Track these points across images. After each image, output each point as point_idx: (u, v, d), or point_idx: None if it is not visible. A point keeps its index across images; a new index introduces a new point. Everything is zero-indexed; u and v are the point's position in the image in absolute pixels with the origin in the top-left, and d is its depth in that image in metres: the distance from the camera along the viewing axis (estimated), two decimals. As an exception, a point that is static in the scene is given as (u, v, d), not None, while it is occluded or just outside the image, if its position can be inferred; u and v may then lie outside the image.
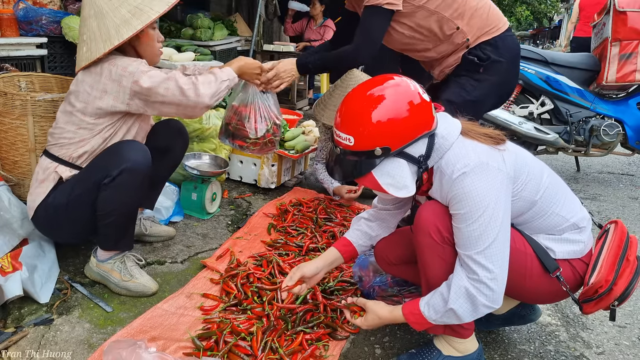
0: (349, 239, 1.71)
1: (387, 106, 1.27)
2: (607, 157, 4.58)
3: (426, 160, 1.34)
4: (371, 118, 1.26)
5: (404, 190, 1.29)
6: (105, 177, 1.67)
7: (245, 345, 1.54)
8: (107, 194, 1.69)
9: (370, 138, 1.27)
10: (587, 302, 1.38)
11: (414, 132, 1.29)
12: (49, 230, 1.85)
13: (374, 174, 1.30)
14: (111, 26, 1.66)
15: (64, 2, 3.75)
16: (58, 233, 1.85)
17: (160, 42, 1.87)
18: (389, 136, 1.26)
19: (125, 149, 1.73)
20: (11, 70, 2.73)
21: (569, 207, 1.43)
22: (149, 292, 1.85)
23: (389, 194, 1.29)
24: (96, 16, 1.68)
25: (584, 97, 3.77)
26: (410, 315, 1.40)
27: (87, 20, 1.72)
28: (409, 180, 1.30)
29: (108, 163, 1.70)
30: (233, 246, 2.26)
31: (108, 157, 1.73)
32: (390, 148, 1.27)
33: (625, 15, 3.51)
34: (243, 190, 3.06)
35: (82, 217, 1.75)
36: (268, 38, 7.52)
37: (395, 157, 1.30)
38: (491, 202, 1.27)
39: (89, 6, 1.71)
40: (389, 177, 1.30)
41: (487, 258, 1.27)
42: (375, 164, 1.29)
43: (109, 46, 1.66)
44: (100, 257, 1.86)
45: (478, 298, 1.28)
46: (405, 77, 1.34)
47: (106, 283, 1.87)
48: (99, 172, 1.69)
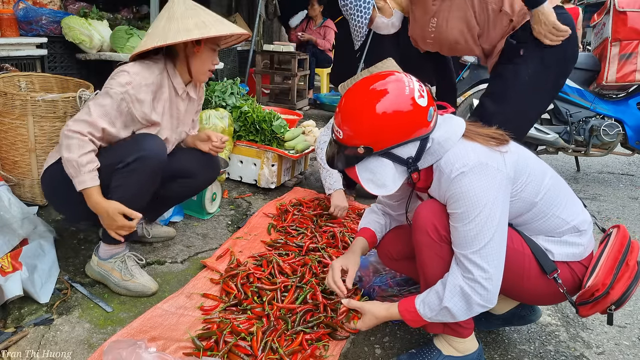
0: (373, 230, 1.74)
1: (377, 109, 1.28)
2: (607, 157, 4.58)
3: (416, 162, 1.35)
4: (359, 118, 1.30)
5: (383, 189, 1.33)
6: (119, 162, 1.70)
7: (245, 345, 1.54)
8: (118, 179, 1.70)
9: (355, 136, 1.31)
10: (583, 304, 1.38)
11: (401, 136, 1.30)
12: (51, 194, 1.85)
13: (356, 168, 1.35)
14: (174, 29, 1.75)
15: (64, 2, 3.75)
16: (58, 201, 1.87)
17: (214, 65, 1.92)
18: (373, 137, 1.29)
19: (144, 139, 1.77)
20: (11, 70, 2.73)
21: (570, 209, 1.43)
22: (148, 292, 1.85)
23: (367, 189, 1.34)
24: (168, 19, 1.79)
25: (584, 97, 3.77)
26: (405, 313, 1.41)
27: (159, 20, 1.82)
28: (390, 179, 1.33)
29: (125, 150, 1.73)
30: (233, 246, 2.26)
31: (126, 144, 1.76)
32: (373, 148, 1.31)
33: (625, 15, 3.51)
34: (243, 190, 3.06)
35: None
36: (268, 38, 7.52)
37: (379, 157, 1.33)
38: (488, 202, 1.27)
39: (166, 9, 1.82)
40: (370, 174, 1.34)
41: (483, 258, 1.27)
42: (359, 160, 1.34)
43: (161, 42, 1.73)
44: (102, 255, 1.87)
45: (472, 297, 1.28)
46: (406, 78, 1.33)
47: (106, 282, 1.87)
48: (115, 157, 1.71)
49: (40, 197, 2.31)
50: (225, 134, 2.91)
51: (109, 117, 1.69)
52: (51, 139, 2.19)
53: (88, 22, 3.45)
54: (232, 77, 3.63)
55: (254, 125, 3.05)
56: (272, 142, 3.03)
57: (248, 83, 5.49)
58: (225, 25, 1.83)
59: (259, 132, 3.05)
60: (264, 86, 5.69)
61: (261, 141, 3.04)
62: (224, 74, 5.30)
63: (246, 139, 3.07)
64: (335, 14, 6.54)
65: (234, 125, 3.06)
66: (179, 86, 1.92)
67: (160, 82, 1.84)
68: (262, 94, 5.77)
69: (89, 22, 3.47)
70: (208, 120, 2.86)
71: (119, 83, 1.70)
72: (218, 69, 4.83)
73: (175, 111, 1.96)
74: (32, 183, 2.28)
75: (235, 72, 5.70)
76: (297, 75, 5.47)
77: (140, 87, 1.73)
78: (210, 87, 3.22)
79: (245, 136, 3.08)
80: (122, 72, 1.73)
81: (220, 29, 1.79)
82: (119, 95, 1.68)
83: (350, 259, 1.65)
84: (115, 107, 1.69)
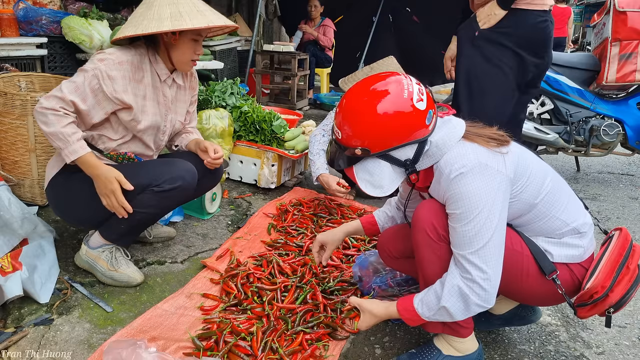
0: (376, 219, 1.83)
1: (375, 110, 1.29)
2: (607, 157, 4.58)
3: (413, 164, 1.35)
4: (357, 120, 1.31)
5: (379, 190, 1.35)
6: (154, 183, 1.75)
7: (245, 345, 1.54)
8: (149, 197, 1.77)
9: (353, 137, 1.33)
10: (582, 306, 1.38)
11: (399, 139, 1.31)
12: (59, 206, 1.86)
13: (354, 168, 1.37)
14: (148, 17, 1.72)
15: (64, 2, 3.75)
16: (67, 212, 1.88)
17: (197, 55, 1.88)
18: (371, 139, 1.31)
19: (183, 167, 1.82)
20: (11, 70, 2.73)
21: (571, 211, 1.43)
22: (133, 283, 1.88)
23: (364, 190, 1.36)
24: (146, 6, 1.77)
25: (584, 97, 3.77)
26: (404, 312, 1.41)
27: (140, 6, 1.81)
28: (387, 181, 1.34)
29: (162, 172, 1.78)
30: (233, 246, 2.26)
31: (163, 166, 1.81)
32: (370, 150, 1.32)
33: (625, 15, 3.51)
34: (243, 190, 3.06)
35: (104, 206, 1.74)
36: (268, 38, 7.52)
37: (377, 158, 1.34)
38: (487, 203, 1.27)
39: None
40: (368, 175, 1.35)
41: (481, 258, 1.28)
42: (356, 161, 1.36)
43: (131, 32, 1.71)
44: (92, 244, 1.89)
45: (471, 297, 1.28)
46: (405, 80, 1.33)
47: (93, 272, 1.89)
48: (148, 177, 1.76)
49: (40, 197, 2.31)
50: (225, 134, 2.91)
51: (80, 93, 1.67)
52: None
53: (88, 22, 3.45)
54: (232, 77, 3.64)
55: (254, 125, 3.05)
56: (272, 142, 3.03)
57: (248, 83, 5.49)
58: (204, 17, 1.76)
59: (259, 132, 3.05)
60: (264, 86, 5.69)
61: (261, 141, 3.04)
62: (224, 74, 5.30)
63: (246, 139, 3.07)
64: (332, 13, 6.55)
65: (234, 125, 3.06)
66: (162, 72, 1.88)
67: (138, 64, 1.80)
68: (262, 94, 5.77)
69: (89, 22, 3.47)
70: (208, 120, 2.86)
71: (92, 61, 1.71)
72: (218, 69, 4.83)
73: (162, 98, 1.92)
74: (32, 183, 2.28)
75: (235, 72, 5.71)
76: (297, 75, 5.47)
77: (112, 64, 1.72)
78: (210, 87, 3.23)
79: (245, 136, 3.08)
80: (98, 53, 1.74)
81: (196, 22, 1.72)
82: (90, 72, 1.68)
83: (329, 237, 1.84)
84: (87, 84, 1.68)
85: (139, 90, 1.82)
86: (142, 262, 2.09)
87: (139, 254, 2.13)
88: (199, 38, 1.85)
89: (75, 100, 1.66)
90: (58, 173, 1.79)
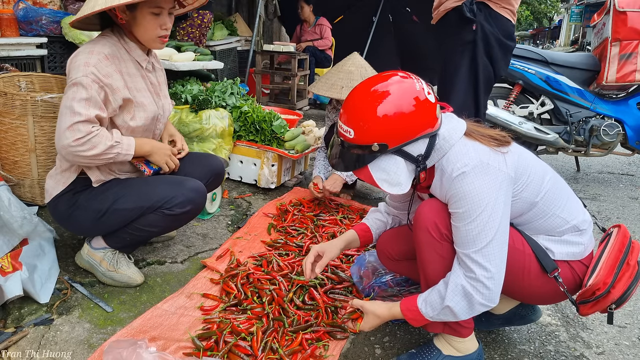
0: (368, 226, 1.79)
1: (390, 103, 1.27)
2: (607, 157, 4.58)
3: (425, 160, 1.34)
4: (372, 114, 1.28)
5: (397, 187, 1.31)
6: (165, 206, 1.76)
7: (245, 345, 1.54)
8: (159, 219, 1.78)
9: (369, 133, 1.29)
10: (584, 303, 1.38)
11: (414, 132, 1.29)
12: (64, 222, 1.85)
13: (369, 168, 1.32)
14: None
15: (64, 2, 3.74)
16: (74, 228, 1.88)
17: (165, 30, 1.74)
18: (388, 133, 1.28)
19: (192, 188, 1.82)
20: (11, 70, 2.73)
21: (570, 209, 1.43)
22: (133, 284, 1.89)
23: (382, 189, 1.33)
24: None
25: (584, 97, 3.77)
26: (407, 312, 1.41)
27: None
28: (404, 178, 1.32)
29: (174, 194, 1.77)
30: (233, 246, 2.26)
31: (174, 186, 1.80)
32: (388, 145, 1.29)
33: (625, 15, 3.51)
34: (243, 190, 3.06)
35: (111, 223, 1.78)
36: (268, 38, 7.52)
37: (392, 154, 1.32)
38: (490, 201, 1.27)
39: None
40: (384, 173, 1.32)
41: (485, 257, 1.27)
42: (372, 159, 1.31)
43: (88, 10, 1.60)
44: (94, 244, 1.89)
45: (474, 296, 1.28)
46: (412, 75, 1.34)
47: (94, 271, 1.89)
48: (159, 198, 1.76)
49: (40, 197, 2.31)
50: (225, 134, 2.91)
51: (94, 104, 1.61)
52: (51, 139, 2.19)
53: (88, 22, 3.44)
54: (232, 77, 3.63)
55: (254, 125, 3.05)
56: (272, 142, 3.03)
57: (248, 83, 5.49)
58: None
59: (259, 132, 3.05)
60: (264, 86, 5.69)
61: (261, 141, 3.04)
62: (224, 74, 5.30)
63: (246, 139, 3.07)
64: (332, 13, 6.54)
65: (234, 125, 3.06)
66: (141, 58, 1.80)
67: (118, 55, 1.72)
68: (262, 94, 5.76)
69: (89, 22, 3.46)
70: (208, 120, 2.85)
71: (77, 69, 1.60)
72: (218, 69, 4.82)
73: (151, 86, 1.87)
74: (32, 183, 2.27)
75: (235, 72, 5.70)
76: (297, 75, 5.47)
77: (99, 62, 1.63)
78: (210, 87, 3.22)
79: (245, 136, 3.08)
80: (75, 57, 1.64)
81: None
82: (85, 80, 1.59)
83: (327, 247, 1.73)
84: (93, 92, 1.60)
85: (131, 83, 1.76)
86: (142, 262, 2.09)
87: (139, 254, 2.13)
88: (161, 11, 1.70)
89: (97, 112, 1.61)
90: (63, 191, 1.77)
